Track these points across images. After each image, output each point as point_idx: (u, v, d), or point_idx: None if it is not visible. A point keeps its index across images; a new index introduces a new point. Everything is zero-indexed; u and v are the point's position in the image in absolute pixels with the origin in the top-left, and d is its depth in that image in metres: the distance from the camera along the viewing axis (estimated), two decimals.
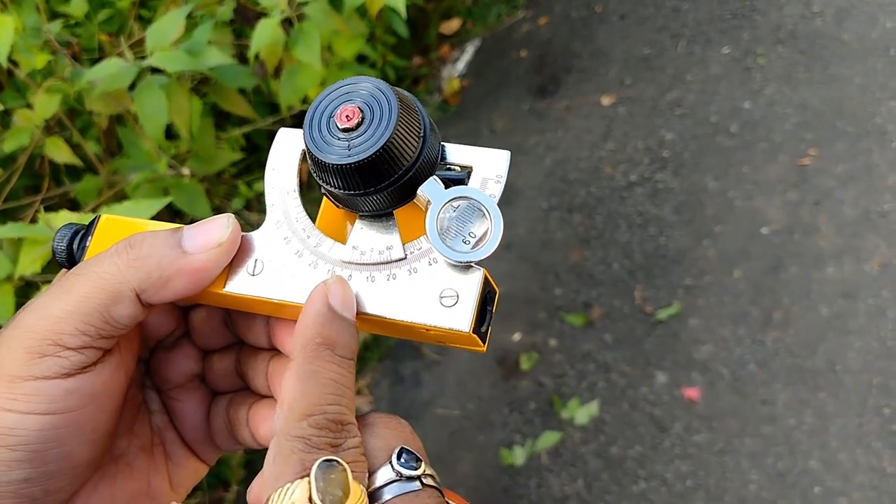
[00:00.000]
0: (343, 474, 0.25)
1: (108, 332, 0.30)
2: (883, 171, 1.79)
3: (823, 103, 1.95)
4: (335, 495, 0.25)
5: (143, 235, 0.31)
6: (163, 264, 0.30)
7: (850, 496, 1.41)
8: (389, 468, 0.27)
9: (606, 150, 2.07)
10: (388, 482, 0.27)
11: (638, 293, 1.77)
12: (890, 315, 1.58)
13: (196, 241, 0.31)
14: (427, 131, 0.30)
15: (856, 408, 1.50)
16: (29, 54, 1.15)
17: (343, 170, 0.29)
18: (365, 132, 0.29)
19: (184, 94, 1.12)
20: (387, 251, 0.31)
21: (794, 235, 1.75)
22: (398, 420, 0.30)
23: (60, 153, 1.16)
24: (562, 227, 1.95)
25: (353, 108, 0.29)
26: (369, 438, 0.28)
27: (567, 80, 2.29)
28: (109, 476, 0.34)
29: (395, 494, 0.27)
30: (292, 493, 0.25)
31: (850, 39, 2.06)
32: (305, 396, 0.27)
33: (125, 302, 0.30)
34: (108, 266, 0.30)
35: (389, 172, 0.29)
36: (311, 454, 0.26)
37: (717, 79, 2.11)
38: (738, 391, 1.58)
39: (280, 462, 0.26)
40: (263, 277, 0.32)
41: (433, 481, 0.28)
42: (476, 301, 0.30)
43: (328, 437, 0.27)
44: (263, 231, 0.33)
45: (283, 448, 0.26)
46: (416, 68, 2.51)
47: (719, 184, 1.89)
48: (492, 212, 0.30)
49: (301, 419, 0.27)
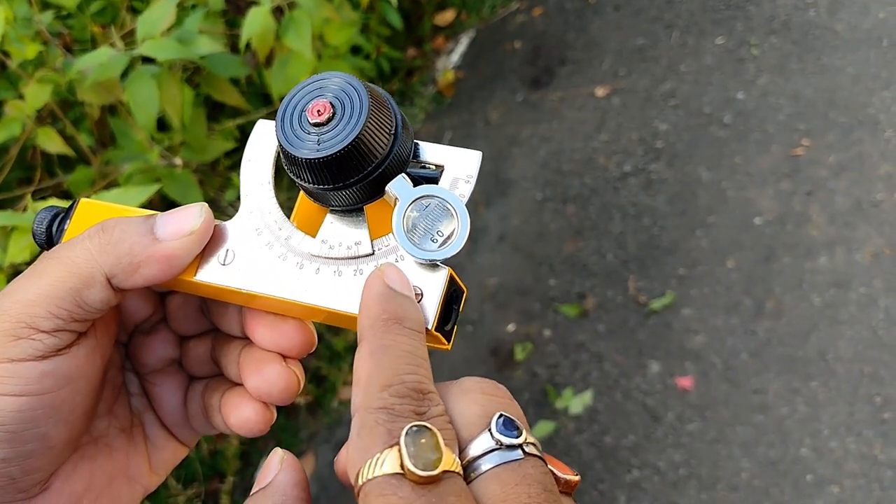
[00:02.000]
0: (434, 438, 0.24)
1: (80, 316, 0.31)
2: (875, 161, 1.79)
3: (816, 94, 1.96)
4: (428, 459, 0.24)
5: (116, 221, 0.32)
6: (134, 250, 0.31)
7: (842, 484, 1.42)
8: (488, 436, 0.26)
9: (600, 142, 2.07)
10: (488, 451, 0.26)
11: (631, 283, 1.78)
12: (881, 304, 1.59)
13: (168, 228, 0.31)
14: (399, 128, 0.30)
15: (847, 397, 1.50)
16: (20, 45, 1.14)
17: (312, 164, 0.29)
18: (335, 127, 0.29)
19: (175, 83, 1.12)
20: (355, 246, 0.31)
21: (787, 226, 1.76)
22: (496, 385, 0.29)
23: (52, 143, 1.15)
24: (556, 218, 1.96)
25: (324, 102, 0.29)
26: (465, 405, 0.27)
27: (561, 71, 2.29)
28: (89, 456, 0.34)
29: (495, 464, 0.25)
30: (383, 462, 0.24)
31: (843, 30, 2.06)
32: (382, 369, 0.27)
33: (97, 286, 0.30)
34: (81, 250, 0.31)
35: (358, 168, 0.29)
36: (396, 423, 0.25)
37: (711, 69, 2.11)
38: (731, 380, 1.58)
39: (366, 434, 0.25)
40: (234, 267, 0.32)
41: (535, 450, 0.26)
42: (440, 300, 0.30)
43: (411, 404, 0.26)
44: (236, 221, 0.33)
45: (367, 421, 0.25)
46: (410, 60, 2.51)
47: (712, 174, 1.90)
48: (459, 211, 0.30)
49: (381, 390, 0.26)
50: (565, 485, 0.27)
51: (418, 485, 0.23)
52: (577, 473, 0.28)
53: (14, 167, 1.35)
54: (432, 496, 0.23)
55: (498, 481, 0.25)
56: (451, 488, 0.24)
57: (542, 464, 0.26)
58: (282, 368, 0.34)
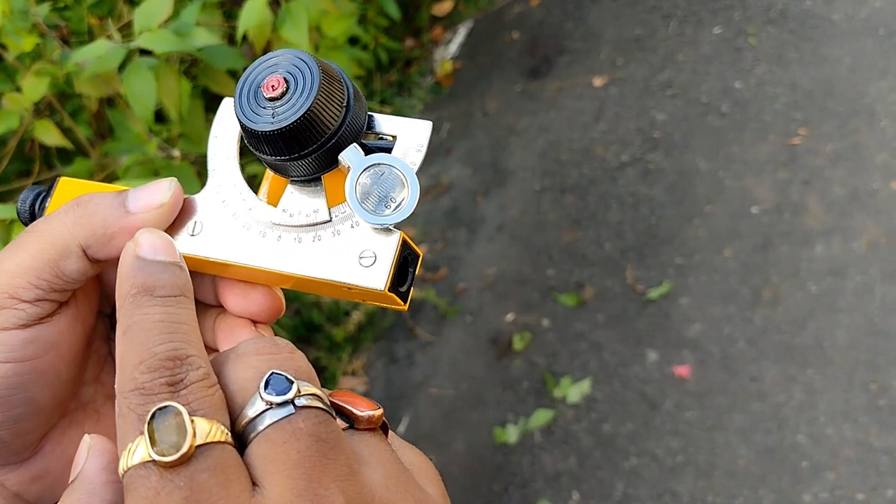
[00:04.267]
0: (178, 417, 0.23)
1: (60, 286, 0.32)
2: (872, 150, 1.80)
3: (813, 83, 1.96)
4: (170, 442, 0.23)
5: (90, 195, 0.33)
6: (107, 222, 0.32)
7: (838, 470, 1.43)
8: (258, 397, 0.25)
9: (598, 131, 2.08)
10: (261, 412, 0.25)
11: (629, 273, 1.79)
12: (877, 293, 1.60)
13: (139, 201, 0.33)
14: (351, 100, 0.31)
15: (843, 384, 1.51)
16: (17, 37, 1.14)
17: (268, 137, 0.30)
18: (289, 101, 0.30)
19: (173, 75, 1.12)
20: (313, 214, 0.33)
21: (784, 214, 1.76)
22: (272, 342, 0.28)
23: (50, 135, 1.16)
24: (554, 208, 1.96)
25: (277, 78, 0.31)
26: (239, 370, 0.26)
27: (559, 61, 2.29)
28: (78, 422, 0.36)
29: (266, 424, 0.25)
30: (134, 452, 0.23)
31: (840, 19, 2.06)
32: (133, 347, 0.26)
33: (73, 257, 0.32)
34: (57, 224, 0.32)
35: (312, 139, 0.31)
36: (146, 405, 0.24)
37: (708, 59, 2.12)
38: (728, 368, 1.59)
39: (121, 423, 0.25)
40: (202, 238, 0.34)
41: (313, 400, 0.25)
42: (393, 261, 0.31)
43: (164, 376, 0.25)
44: (204, 194, 0.35)
45: (121, 408, 0.25)
46: (408, 50, 2.51)
47: (710, 164, 1.90)
48: (409, 178, 0.31)
49: (133, 369, 0.25)
50: (367, 421, 0.27)
51: (167, 469, 0.23)
52: (379, 406, 0.28)
53: (13, 160, 1.36)
54: (180, 479, 0.22)
55: (266, 442, 0.24)
56: (203, 464, 0.23)
57: (316, 414, 0.25)
58: (252, 332, 0.35)
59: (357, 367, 1.84)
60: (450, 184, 2.09)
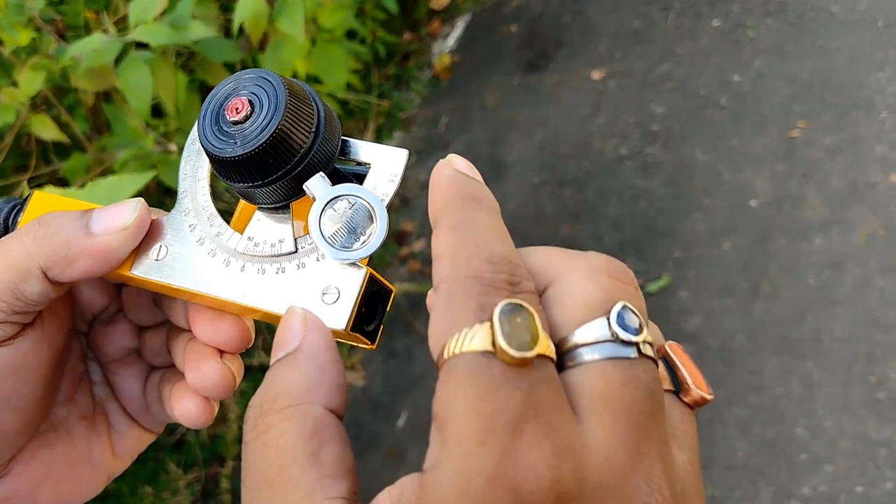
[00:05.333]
0: (530, 318, 0.22)
1: (21, 308, 0.31)
2: (870, 142, 1.79)
3: (812, 76, 1.96)
4: (523, 339, 0.21)
5: (53, 215, 0.32)
6: (68, 244, 0.31)
7: (836, 462, 1.43)
8: (605, 324, 0.23)
9: (597, 125, 2.07)
10: (600, 341, 0.22)
11: (628, 266, 1.78)
12: (876, 285, 1.60)
13: (102, 223, 0.31)
14: (321, 123, 0.30)
15: (842, 376, 1.51)
16: (13, 31, 1.14)
17: (231, 162, 0.29)
18: (253, 124, 0.29)
19: (169, 68, 1.12)
20: (278, 244, 0.31)
21: (783, 207, 1.76)
22: (625, 269, 0.25)
23: (47, 130, 1.15)
24: (553, 201, 1.96)
25: (242, 100, 0.29)
26: (587, 284, 0.24)
27: (557, 54, 2.28)
28: (48, 444, 0.35)
29: (604, 356, 0.22)
30: (472, 338, 0.21)
31: (839, 11, 2.05)
32: (468, 239, 0.24)
33: (33, 279, 0.31)
34: (17, 244, 0.31)
35: (278, 164, 0.29)
36: (489, 297, 0.22)
37: (707, 52, 2.11)
38: (727, 361, 1.59)
39: (455, 306, 0.22)
40: (166, 263, 0.32)
41: (652, 351, 0.23)
42: (357, 299, 0.29)
43: (505, 273, 0.23)
44: (171, 217, 0.33)
45: (455, 292, 0.22)
46: (406, 44, 2.50)
47: (708, 157, 1.90)
48: (378, 211, 0.29)
49: (469, 258, 0.23)
50: (694, 399, 0.25)
51: (509, 366, 0.21)
52: (712, 393, 0.25)
53: (9, 154, 1.35)
54: (522, 381, 0.21)
55: (602, 376, 0.22)
56: (542, 375, 0.21)
57: (655, 369, 0.23)
58: (216, 364, 0.34)
59: (355, 361, 1.84)
60: None
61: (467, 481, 0.20)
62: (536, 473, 0.20)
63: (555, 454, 0.20)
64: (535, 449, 0.20)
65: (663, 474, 0.22)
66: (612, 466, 0.21)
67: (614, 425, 0.21)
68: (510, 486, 0.20)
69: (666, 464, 0.22)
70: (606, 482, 0.21)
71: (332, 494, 0.22)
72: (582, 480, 0.20)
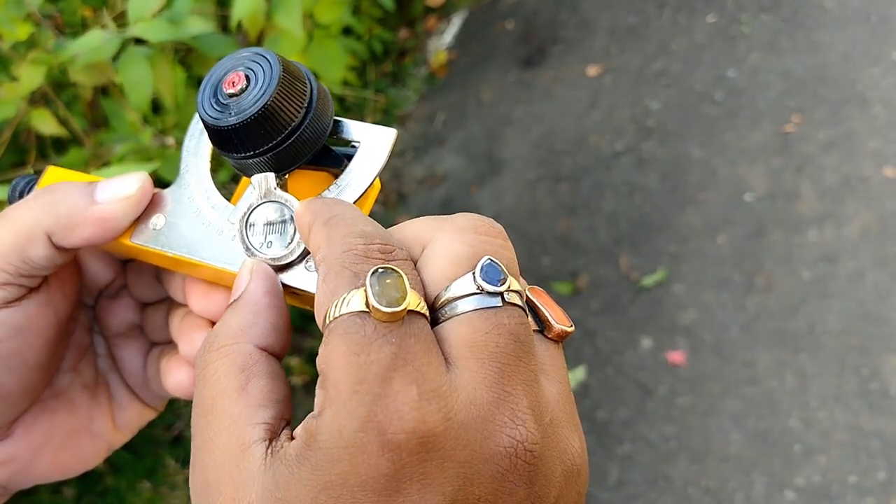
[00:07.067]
0: (400, 279, 0.24)
1: (27, 272, 0.32)
2: (863, 137, 1.81)
3: (806, 71, 1.97)
4: (392, 297, 0.23)
5: (61, 184, 0.33)
6: (72, 210, 0.32)
7: (829, 453, 1.45)
8: (471, 279, 0.25)
9: (592, 121, 2.08)
10: (467, 294, 0.24)
11: (623, 261, 1.80)
12: (869, 278, 1.61)
13: (106, 192, 0.33)
14: (314, 100, 0.31)
15: (835, 368, 1.53)
16: (11, 26, 1.15)
17: (224, 132, 0.30)
18: (248, 97, 0.30)
19: (168, 64, 1.12)
20: None
21: (777, 201, 1.77)
22: (492, 224, 0.27)
23: (47, 125, 1.16)
24: (549, 197, 1.97)
25: (238, 74, 0.30)
26: (455, 244, 0.26)
27: (553, 50, 2.29)
28: (50, 409, 0.36)
29: (471, 308, 0.24)
30: (348, 302, 0.24)
31: (833, 7, 2.06)
32: (338, 227, 0.26)
33: (38, 244, 0.32)
34: (25, 209, 0.33)
35: (268, 136, 0.30)
36: (362, 265, 0.24)
37: (702, 48, 2.12)
38: (721, 354, 1.61)
39: (332, 278, 0.25)
40: (163, 232, 0.33)
41: (517, 299, 0.25)
42: None
43: (376, 245, 0.25)
44: (173, 190, 0.34)
45: (332, 266, 0.25)
46: (402, 41, 2.51)
47: (703, 152, 1.91)
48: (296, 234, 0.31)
49: (343, 238, 0.26)
50: (558, 334, 0.27)
51: (382, 323, 0.23)
52: (573, 325, 0.28)
53: (7, 150, 1.36)
54: (393, 335, 0.23)
55: (469, 325, 0.24)
56: (413, 329, 0.23)
57: (519, 314, 0.25)
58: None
59: None
60: (444, 174, 2.10)
61: (341, 427, 0.22)
62: (401, 415, 0.22)
63: (420, 397, 0.22)
64: (402, 394, 0.22)
65: (528, 409, 0.24)
66: (476, 406, 0.23)
67: (479, 369, 0.24)
68: (378, 428, 0.22)
69: (531, 399, 0.24)
70: (471, 420, 0.23)
71: (257, 420, 0.25)
72: (447, 420, 0.22)
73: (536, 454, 0.23)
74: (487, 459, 0.23)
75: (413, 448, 0.22)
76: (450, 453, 0.22)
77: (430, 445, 0.22)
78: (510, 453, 0.23)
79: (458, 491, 0.22)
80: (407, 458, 0.22)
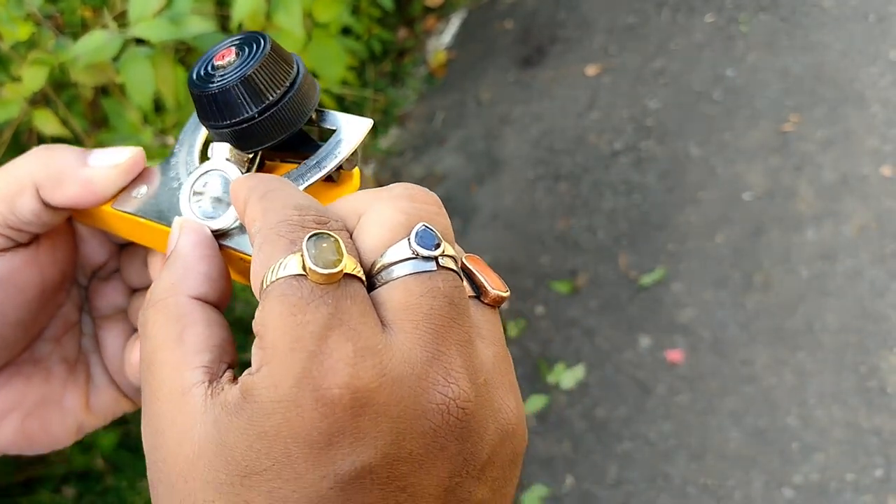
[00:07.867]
0: (336, 244, 0.24)
1: (14, 223, 0.33)
2: (861, 135, 1.81)
3: (804, 70, 1.98)
4: (329, 259, 0.24)
5: (60, 145, 0.35)
6: (63, 168, 0.33)
7: (827, 451, 1.45)
8: (406, 245, 0.25)
9: (591, 120, 2.09)
10: (402, 259, 0.25)
11: (622, 259, 1.80)
12: (867, 276, 1.62)
13: (98, 158, 0.34)
14: (297, 82, 0.31)
15: (833, 366, 1.53)
16: (12, 26, 1.15)
17: (204, 98, 0.31)
18: (232, 68, 0.31)
19: (169, 63, 1.13)
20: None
21: (775, 200, 1.78)
22: (426, 192, 0.28)
23: (48, 125, 1.16)
24: (548, 196, 1.98)
25: (230, 49, 0.31)
26: (391, 211, 0.26)
27: (552, 50, 2.30)
28: (25, 374, 0.37)
29: (406, 273, 0.25)
30: (285, 266, 0.24)
31: (831, 6, 2.07)
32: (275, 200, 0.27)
33: (26, 195, 0.33)
34: (22, 161, 0.34)
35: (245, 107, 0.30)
36: (298, 232, 0.25)
37: (701, 47, 2.13)
38: (720, 353, 1.61)
39: (268, 247, 0.25)
40: (142, 200, 0.34)
41: (452, 264, 0.26)
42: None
43: (311, 216, 0.26)
44: (163, 165, 0.36)
45: (268, 235, 0.25)
46: (401, 41, 2.51)
47: (702, 151, 1.92)
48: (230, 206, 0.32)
49: (279, 210, 0.26)
50: (493, 299, 0.28)
51: (318, 285, 0.24)
52: (508, 290, 0.28)
53: (8, 150, 1.36)
54: (329, 297, 0.23)
55: (404, 289, 0.25)
56: (349, 291, 0.24)
57: (454, 278, 0.26)
58: None
59: None
60: (444, 173, 2.10)
61: (277, 384, 0.23)
62: (336, 371, 0.23)
63: (355, 354, 0.23)
64: (337, 351, 0.23)
65: (462, 368, 0.24)
66: (410, 364, 0.24)
67: (414, 330, 0.24)
68: (313, 384, 0.22)
69: (465, 359, 0.25)
70: (405, 377, 0.23)
71: (195, 365, 0.26)
72: (382, 376, 0.23)
73: (469, 412, 0.24)
74: (420, 415, 0.23)
75: (347, 403, 0.22)
76: (383, 409, 0.23)
77: (363, 401, 0.23)
78: (442, 410, 0.24)
79: (390, 445, 0.23)
80: (340, 413, 0.22)
